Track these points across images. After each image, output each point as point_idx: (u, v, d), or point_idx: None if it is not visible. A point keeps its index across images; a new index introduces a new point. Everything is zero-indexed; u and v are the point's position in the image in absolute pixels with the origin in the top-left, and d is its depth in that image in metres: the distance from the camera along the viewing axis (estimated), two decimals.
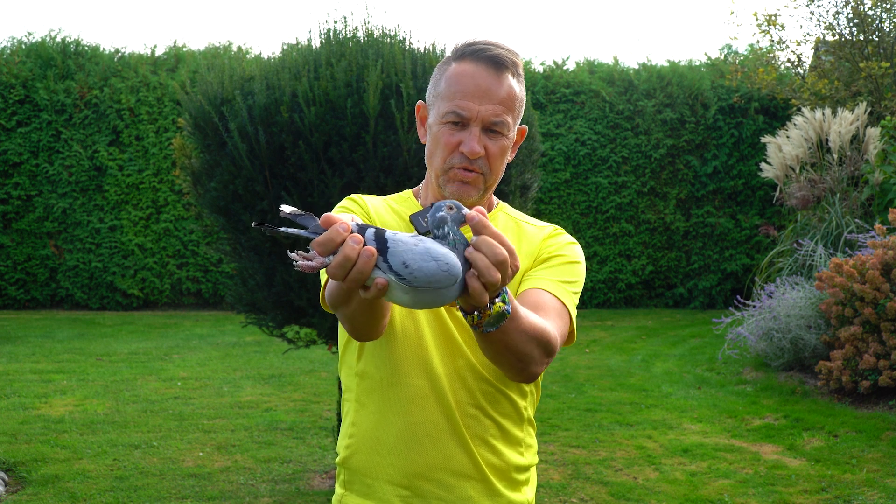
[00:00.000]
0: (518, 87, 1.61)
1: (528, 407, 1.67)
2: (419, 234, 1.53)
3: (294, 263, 1.24)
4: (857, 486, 4.51)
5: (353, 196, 1.70)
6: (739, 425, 5.79)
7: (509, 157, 1.66)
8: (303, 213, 1.25)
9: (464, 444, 1.58)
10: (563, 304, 1.57)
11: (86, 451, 5.03)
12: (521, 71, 1.63)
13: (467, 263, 1.25)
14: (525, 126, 1.70)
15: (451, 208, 1.27)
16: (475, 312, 1.31)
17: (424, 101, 1.68)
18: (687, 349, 8.74)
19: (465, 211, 1.27)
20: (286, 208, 1.25)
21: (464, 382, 1.59)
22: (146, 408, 6.10)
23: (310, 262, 1.23)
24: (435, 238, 1.27)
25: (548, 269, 1.62)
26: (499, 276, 1.23)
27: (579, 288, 1.64)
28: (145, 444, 5.22)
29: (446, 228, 1.26)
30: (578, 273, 1.65)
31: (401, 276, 1.22)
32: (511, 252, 1.25)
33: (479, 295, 1.24)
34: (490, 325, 1.33)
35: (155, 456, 5.01)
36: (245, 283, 4.35)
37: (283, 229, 1.24)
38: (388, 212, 1.69)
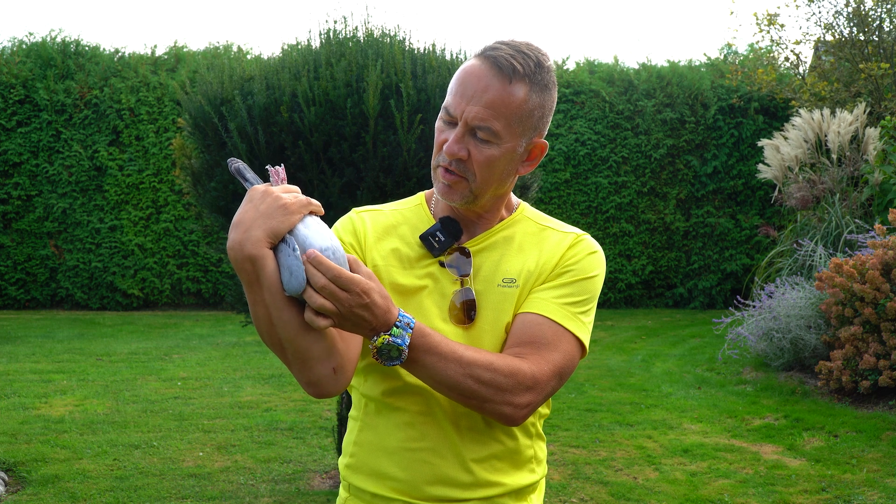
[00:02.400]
0: (526, 96, 1.48)
1: (536, 423, 1.61)
2: (433, 255, 1.57)
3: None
4: (857, 486, 4.51)
5: (353, 216, 1.64)
6: (739, 425, 5.79)
7: (521, 171, 1.56)
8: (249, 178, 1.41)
9: (467, 469, 1.53)
10: (563, 328, 1.51)
11: (86, 451, 5.03)
12: (539, 79, 1.50)
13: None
14: (545, 142, 1.57)
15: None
16: (368, 346, 1.39)
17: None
18: (687, 349, 8.74)
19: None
20: (237, 162, 1.43)
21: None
22: (146, 408, 6.10)
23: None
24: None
25: (556, 287, 1.54)
26: (321, 300, 1.32)
27: (589, 305, 1.56)
28: (145, 444, 5.22)
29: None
30: (590, 289, 1.57)
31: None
32: (343, 282, 1.32)
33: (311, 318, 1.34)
34: (385, 359, 1.38)
35: (155, 456, 5.01)
36: None
37: (247, 177, 1.40)
38: (399, 226, 1.62)
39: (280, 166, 1.40)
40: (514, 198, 1.66)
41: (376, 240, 1.60)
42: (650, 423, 5.81)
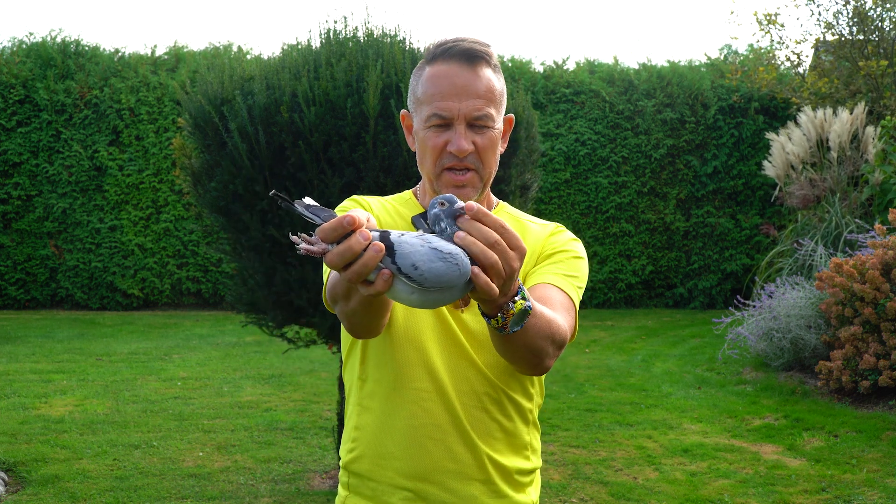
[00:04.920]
0: (495, 78, 1.60)
1: (533, 410, 1.66)
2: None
3: (297, 246, 1.24)
4: (857, 486, 4.51)
5: (354, 197, 1.70)
6: (739, 425, 5.79)
7: (501, 148, 1.65)
8: (322, 207, 1.24)
9: (469, 445, 1.57)
10: (570, 297, 1.57)
11: (86, 451, 5.03)
12: (495, 62, 1.61)
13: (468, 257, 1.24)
14: (511, 115, 1.69)
15: (442, 204, 1.26)
16: (499, 314, 1.30)
17: (407, 109, 1.67)
18: (687, 349, 8.73)
19: (460, 203, 1.25)
20: (308, 200, 1.24)
21: (469, 385, 1.58)
22: (146, 408, 6.10)
23: (312, 247, 1.22)
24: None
25: (552, 264, 1.62)
26: (494, 256, 1.21)
27: (583, 283, 1.64)
28: (145, 444, 5.22)
29: (443, 224, 1.25)
30: (582, 269, 1.64)
31: (411, 277, 1.21)
32: (510, 236, 1.23)
33: (486, 289, 1.21)
34: (515, 323, 1.32)
35: (155, 456, 5.01)
36: (245, 283, 4.35)
37: (298, 208, 1.23)
38: (389, 213, 1.69)
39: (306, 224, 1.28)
40: (493, 196, 1.74)
41: (378, 219, 1.66)
42: (650, 423, 5.81)
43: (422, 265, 1.20)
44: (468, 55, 1.56)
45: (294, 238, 1.23)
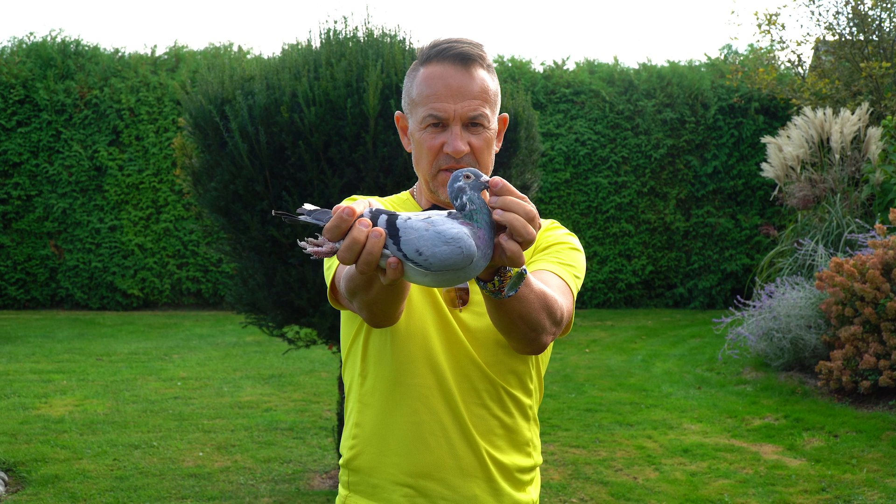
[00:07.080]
0: (489, 78, 1.61)
1: (532, 406, 1.67)
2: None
3: (304, 251, 1.26)
4: (857, 486, 4.51)
5: (353, 197, 1.71)
6: (739, 425, 5.79)
7: (496, 148, 1.66)
8: (323, 209, 1.28)
9: (470, 442, 1.57)
10: (566, 283, 1.57)
11: (86, 451, 5.03)
12: (489, 62, 1.63)
13: (492, 229, 1.26)
14: (506, 114, 1.70)
15: (468, 177, 1.28)
16: (495, 278, 1.32)
17: (402, 111, 1.68)
18: (687, 349, 8.73)
19: (485, 177, 1.28)
20: (308, 206, 1.28)
21: (469, 382, 1.58)
22: (146, 408, 6.10)
23: (320, 248, 1.25)
24: (455, 209, 1.28)
25: (548, 254, 1.63)
26: (534, 231, 1.25)
27: (581, 273, 1.64)
28: (145, 444, 5.22)
29: (465, 198, 1.27)
30: (579, 260, 1.65)
31: (416, 262, 1.23)
32: (530, 206, 1.28)
33: (518, 255, 1.25)
34: (512, 287, 1.33)
35: (155, 456, 5.01)
36: (245, 283, 4.35)
37: (302, 218, 1.27)
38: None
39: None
40: None
41: None
42: (650, 423, 5.81)
43: (426, 250, 1.22)
44: (462, 56, 1.57)
45: (301, 244, 1.27)
